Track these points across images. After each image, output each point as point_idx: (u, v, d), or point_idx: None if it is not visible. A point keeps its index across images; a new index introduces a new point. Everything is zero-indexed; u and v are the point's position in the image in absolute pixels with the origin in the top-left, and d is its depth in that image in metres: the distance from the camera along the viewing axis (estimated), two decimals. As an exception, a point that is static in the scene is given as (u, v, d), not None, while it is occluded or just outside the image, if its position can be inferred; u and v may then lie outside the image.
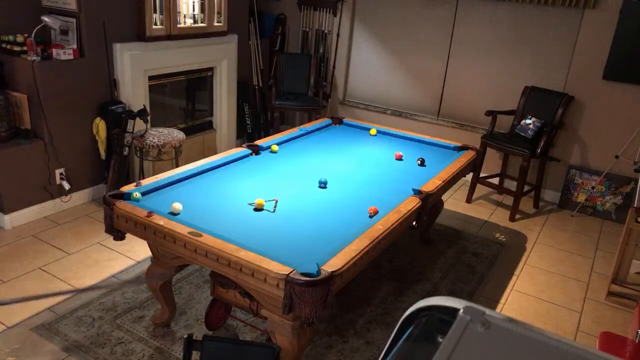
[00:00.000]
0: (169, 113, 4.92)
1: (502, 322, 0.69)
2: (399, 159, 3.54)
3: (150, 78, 4.42)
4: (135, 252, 3.49)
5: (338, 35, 5.67)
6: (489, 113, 4.69)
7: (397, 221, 2.56)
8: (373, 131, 4.08)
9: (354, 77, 5.83)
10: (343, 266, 2.10)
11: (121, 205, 2.48)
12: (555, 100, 4.51)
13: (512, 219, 4.51)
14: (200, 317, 2.88)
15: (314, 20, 5.80)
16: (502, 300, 3.36)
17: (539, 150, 4.34)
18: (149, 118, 4.11)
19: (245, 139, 5.60)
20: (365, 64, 5.71)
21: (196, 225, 2.33)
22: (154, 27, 4.21)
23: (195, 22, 4.64)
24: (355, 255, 2.20)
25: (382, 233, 2.42)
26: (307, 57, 5.65)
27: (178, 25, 4.41)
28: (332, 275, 2.03)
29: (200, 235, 2.24)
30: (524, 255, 3.95)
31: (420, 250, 3.89)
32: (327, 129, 4.15)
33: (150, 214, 2.39)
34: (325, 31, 5.75)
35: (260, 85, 5.73)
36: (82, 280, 3.18)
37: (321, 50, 5.80)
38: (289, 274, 2.00)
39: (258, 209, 2.61)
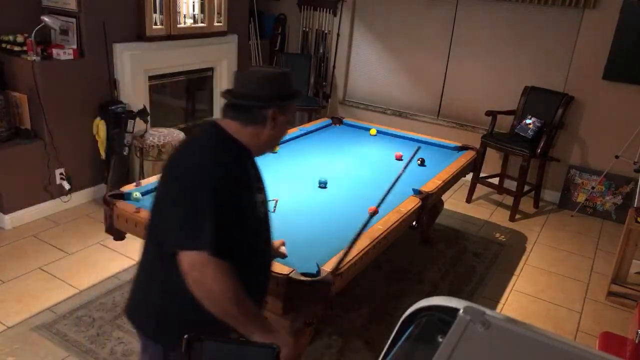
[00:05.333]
0: (169, 113, 4.92)
1: (502, 322, 0.69)
2: (399, 159, 3.54)
3: (151, 78, 4.42)
4: (136, 252, 3.47)
5: (338, 35, 5.67)
6: (489, 113, 4.68)
7: (397, 221, 2.56)
8: (373, 131, 4.08)
9: (354, 77, 5.83)
10: (343, 266, 2.10)
11: (121, 205, 2.49)
12: (555, 100, 4.51)
13: (512, 219, 4.51)
14: (200, 317, 2.88)
15: (314, 20, 5.80)
16: (502, 300, 3.36)
17: (539, 150, 4.34)
18: (149, 118, 4.11)
19: (245, 139, 5.59)
20: (365, 64, 5.71)
21: (196, 225, 2.32)
22: (154, 27, 4.20)
23: (195, 22, 4.64)
24: (355, 255, 2.20)
25: (382, 233, 2.42)
26: (307, 57, 5.65)
27: (178, 25, 4.41)
28: (332, 275, 2.02)
29: (201, 235, 2.24)
30: (524, 255, 3.95)
31: (420, 250, 3.89)
32: (327, 129, 4.15)
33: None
34: (325, 31, 5.75)
35: (260, 85, 5.73)
36: (82, 280, 3.18)
37: (321, 50, 5.80)
38: (289, 274, 2.00)
39: (258, 209, 2.60)
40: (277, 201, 2.70)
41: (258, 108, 1.53)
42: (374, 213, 2.62)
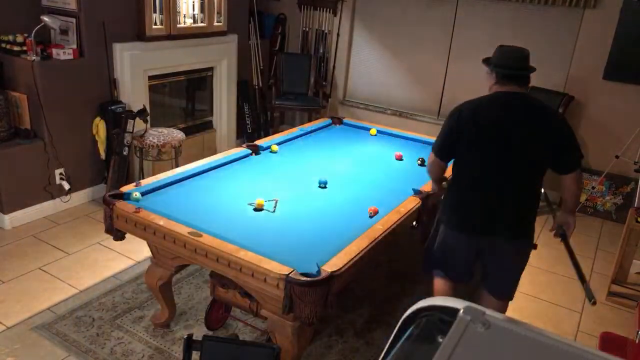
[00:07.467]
0: (169, 113, 4.92)
1: (502, 322, 0.69)
2: (399, 159, 3.54)
3: (150, 78, 4.41)
4: (135, 252, 3.49)
5: (338, 35, 5.66)
6: (489, 113, 4.68)
7: (397, 221, 2.56)
8: (373, 131, 4.07)
9: (354, 77, 5.83)
10: (343, 266, 2.10)
11: (121, 205, 2.48)
12: (555, 100, 4.50)
13: (512, 219, 4.50)
14: (200, 317, 2.88)
15: (314, 20, 5.80)
16: (502, 300, 3.35)
17: (539, 150, 4.33)
18: (148, 118, 4.11)
19: (245, 139, 5.59)
20: (365, 64, 5.71)
21: (196, 225, 2.33)
22: (153, 27, 4.20)
23: (195, 22, 4.63)
24: (355, 255, 2.20)
25: (382, 233, 2.42)
26: (307, 57, 5.65)
27: (178, 25, 4.41)
28: (332, 275, 2.02)
29: (200, 235, 2.24)
30: (524, 255, 3.94)
31: (420, 250, 3.87)
32: (327, 129, 4.15)
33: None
34: (325, 31, 5.75)
35: (260, 85, 5.73)
36: (82, 281, 3.18)
37: (321, 50, 5.79)
38: (289, 274, 2.00)
39: (258, 209, 2.61)
40: (277, 201, 2.70)
41: (530, 75, 2.36)
42: (373, 213, 2.62)
